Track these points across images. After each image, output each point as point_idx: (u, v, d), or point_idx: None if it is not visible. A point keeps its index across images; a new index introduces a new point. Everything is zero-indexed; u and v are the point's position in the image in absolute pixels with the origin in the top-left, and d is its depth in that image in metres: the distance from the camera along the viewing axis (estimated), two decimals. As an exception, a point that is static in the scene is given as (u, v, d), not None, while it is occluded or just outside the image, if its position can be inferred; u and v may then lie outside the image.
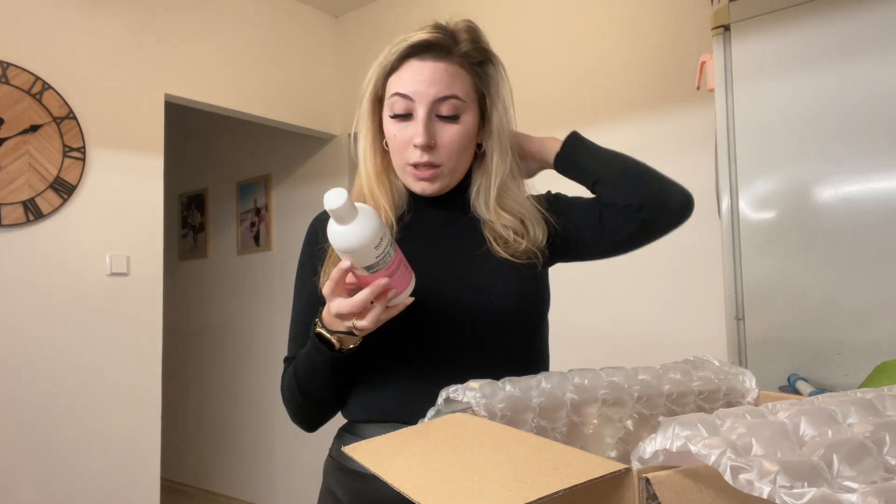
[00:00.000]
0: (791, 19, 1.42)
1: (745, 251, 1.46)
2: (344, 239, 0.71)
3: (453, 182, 0.91)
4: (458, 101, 0.87)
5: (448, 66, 0.87)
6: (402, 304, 0.78)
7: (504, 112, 0.92)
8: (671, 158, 2.32)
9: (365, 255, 0.72)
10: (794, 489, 0.32)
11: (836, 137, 1.36)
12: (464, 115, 0.88)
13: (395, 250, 0.75)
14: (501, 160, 0.92)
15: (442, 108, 0.86)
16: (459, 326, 0.86)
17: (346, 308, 0.74)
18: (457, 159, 0.89)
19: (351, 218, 0.71)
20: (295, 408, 0.90)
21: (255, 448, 3.78)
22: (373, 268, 0.73)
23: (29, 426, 2.31)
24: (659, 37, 2.37)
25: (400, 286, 0.76)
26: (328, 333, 0.81)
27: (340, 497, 0.86)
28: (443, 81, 0.86)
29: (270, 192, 3.77)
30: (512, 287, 0.88)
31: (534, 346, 0.93)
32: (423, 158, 0.86)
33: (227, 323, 4.01)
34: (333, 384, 0.86)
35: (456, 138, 0.87)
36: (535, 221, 0.93)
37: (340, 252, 0.73)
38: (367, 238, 0.71)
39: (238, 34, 3.06)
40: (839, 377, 1.34)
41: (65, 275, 2.43)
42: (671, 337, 2.27)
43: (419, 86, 0.86)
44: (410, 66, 0.87)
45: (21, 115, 2.34)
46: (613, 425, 0.60)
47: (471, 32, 0.90)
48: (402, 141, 0.88)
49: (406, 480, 0.42)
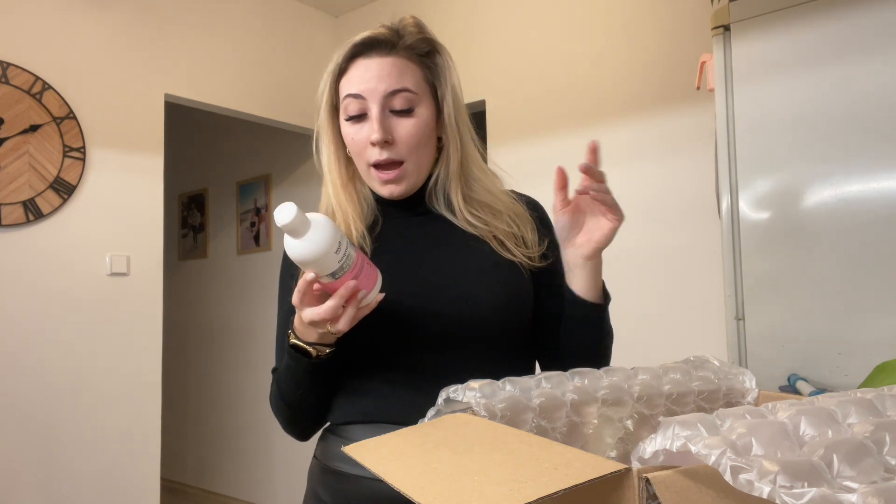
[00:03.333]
0: (791, 19, 1.42)
1: (745, 251, 1.46)
2: (302, 251, 0.71)
3: (419, 181, 0.90)
4: (409, 93, 0.86)
5: (395, 60, 0.86)
6: (374, 303, 0.78)
7: (455, 100, 0.91)
8: (671, 158, 2.33)
9: (327, 262, 0.71)
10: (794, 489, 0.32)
11: (837, 137, 1.36)
12: (418, 107, 0.87)
13: (355, 251, 0.75)
14: (456, 148, 0.90)
15: (395, 103, 0.85)
16: (437, 331, 0.84)
17: (319, 316, 0.73)
18: (418, 154, 0.87)
19: (304, 230, 0.70)
20: (284, 418, 0.91)
21: (255, 448, 3.78)
22: (337, 273, 0.73)
23: (29, 426, 2.31)
24: (659, 36, 2.37)
25: (368, 285, 0.76)
26: (303, 343, 0.81)
27: (325, 498, 0.86)
28: (392, 75, 0.85)
29: (270, 192, 3.77)
30: (491, 289, 0.86)
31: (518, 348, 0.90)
32: (382, 156, 0.85)
33: (227, 323, 4.01)
34: (317, 392, 0.86)
35: (413, 131, 0.86)
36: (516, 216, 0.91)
37: (301, 264, 0.73)
38: (324, 246, 0.70)
39: (238, 34, 3.06)
40: (839, 377, 1.34)
41: (65, 275, 2.43)
42: (671, 337, 2.27)
43: (368, 83, 0.85)
44: (358, 66, 0.86)
45: (21, 115, 2.34)
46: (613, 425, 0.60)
47: (416, 26, 0.89)
48: (359, 142, 0.87)
49: (406, 480, 0.42)
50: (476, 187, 0.91)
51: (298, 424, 0.91)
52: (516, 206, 0.93)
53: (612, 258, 1.03)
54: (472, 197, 0.91)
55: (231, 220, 4.03)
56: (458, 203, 0.90)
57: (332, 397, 0.89)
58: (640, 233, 2.32)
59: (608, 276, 0.88)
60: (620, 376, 0.63)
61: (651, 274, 2.31)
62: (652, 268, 2.30)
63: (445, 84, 0.90)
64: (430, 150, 0.90)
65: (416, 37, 0.88)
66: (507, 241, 0.89)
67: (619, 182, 2.42)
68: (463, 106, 0.92)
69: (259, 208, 3.82)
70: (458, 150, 0.90)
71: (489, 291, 0.86)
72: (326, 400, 0.89)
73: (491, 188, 0.92)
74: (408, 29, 0.88)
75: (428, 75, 0.89)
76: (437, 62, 0.90)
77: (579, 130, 2.56)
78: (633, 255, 2.32)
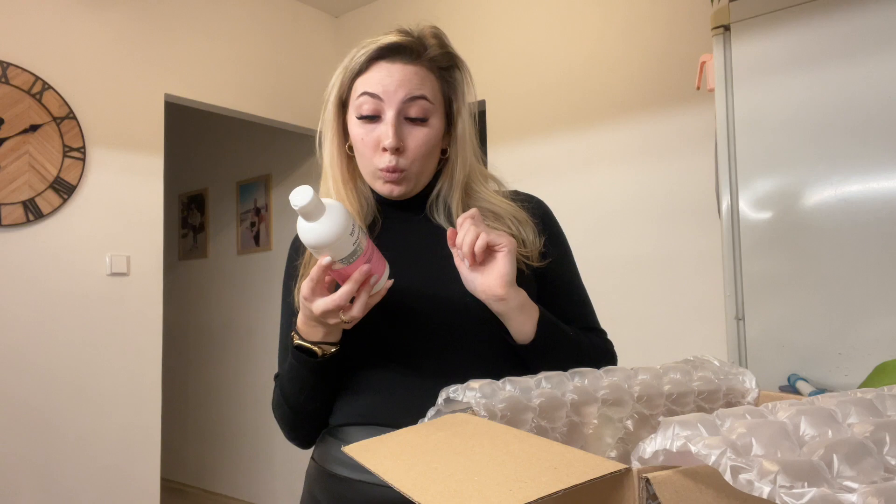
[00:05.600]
0: (791, 19, 1.42)
1: (745, 251, 1.46)
2: (317, 234, 0.71)
3: (419, 186, 0.91)
4: (427, 102, 0.86)
5: (418, 69, 0.86)
6: (384, 289, 0.79)
7: (468, 117, 0.92)
8: (671, 158, 2.33)
9: (342, 246, 0.72)
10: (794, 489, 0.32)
11: (837, 137, 1.36)
12: (432, 118, 0.87)
13: (366, 237, 0.76)
14: (463, 164, 0.91)
15: (411, 110, 0.86)
16: (434, 332, 0.85)
17: (333, 304, 0.74)
18: (422, 163, 0.88)
19: (320, 213, 0.71)
20: (287, 424, 0.91)
21: (255, 448, 3.78)
22: (351, 257, 0.73)
23: (29, 426, 2.31)
24: (659, 37, 2.37)
25: (379, 270, 0.77)
26: (308, 343, 0.81)
27: (322, 501, 0.86)
28: (412, 83, 0.85)
29: (270, 192, 3.77)
30: None
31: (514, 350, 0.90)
32: (392, 163, 0.85)
33: (227, 323, 4.01)
34: (320, 394, 0.86)
35: (423, 141, 0.86)
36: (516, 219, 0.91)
37: (316, 248, 0.72)
38: (339, 229, 0.71)
39: (238, 34, 3.06)
40: (839, 377, 1.34)
41: (65, 275, 2.43)
42: (671, 337, 2.27)
43: (389, 86, 0.85)
44: (380, 68, 0.86)
45: (21, 115, 2.34)
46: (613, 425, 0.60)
47: (438, 38, 0.90)
48: (369, 143, 0.87)
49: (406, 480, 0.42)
50: (475, 198, 0.92)
51: (302, 430, 0.91)
52: (517, 211, 0.93)
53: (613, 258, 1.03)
54: (471, 205, 0.91)
55: (231, 220, 4.03)
56: (457, 214, 0.90)
57: (333, 401, 0.89)
58: (639, 233, 2.32)
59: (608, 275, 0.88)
60: (620, 376, 0.63)
61: (651, 274, 2.31)
62: (652, 268, 2.30)
63: (462, 100, 0.91)
64: (434, 160, 0.91)
65: (438, 50, 0.89)
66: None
67: (619, 182, 2.43)
68: (474, 123, 0.93)
69: (259, 208, 3.83)
70: (464, 167, 0.91)
71: None
72: (329, 404, 0.89)
73: (491, 199, 0.92)
74: (429, 40, 0.89)
75: (445, 88, 0.90)
76: (457, 77, 0.91)
77: (579, 130, 2.56)
78: (632, 255, 2.32)
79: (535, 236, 0.91)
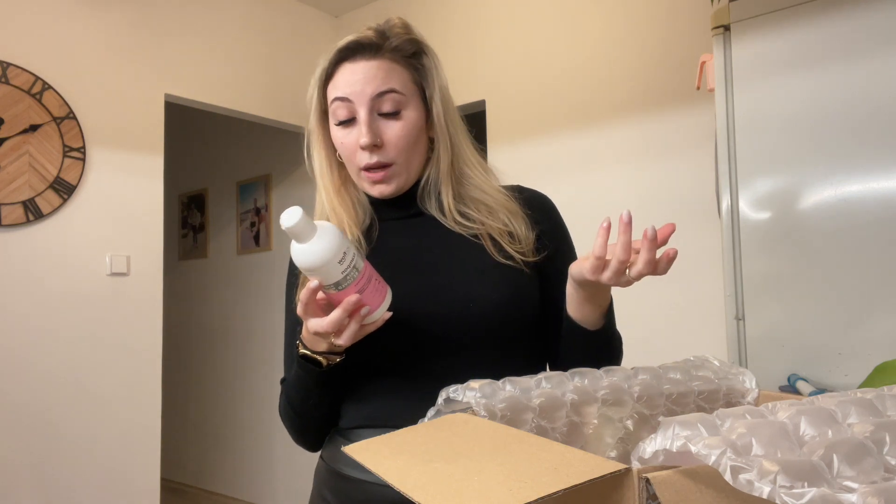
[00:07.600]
0: (791, 19, 1.42)
1: (745, 251, 1.46)
2: (305, 257, 0.70)
3: (410, 180, 0.90)
4: (397, 94, 0.86)
5: (381, 63, 0.86)
6: (380, 320, 0.76)
7: (444, 100, 0.90)
8: (671, 158, 2.33)
9: (330, 272, 0.70)
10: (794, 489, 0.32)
11: (837, 137, 1.36)
12: (405, 109, 0.87)
13: (363, 264, 0.73)
14: (446, 148, 0.90)
15: (383, 105, 0.85)
16: (438, 336, 0.84)
17: (323, 327, 0.73)
18: (407, 155, 0.87)
19: (310, 235, 0.70)
20: (294, 429, 0.91)
21: (255, 448, 3.78)
22: (341, 284, 0.71)
23: (29, 426, 2.31)
24: (659, 37, 2.37)
25: (373, 301, 0.74)
26: (312, 353, 0.81)
27: (330, 500, 0.86)
28: (378, 78, 0.85)
29: (270, 192, 3.77)
30: (491, 288, 0.85)
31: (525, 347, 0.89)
32: (372, 159, 0.85)
33: (227, 323, 4.01)
34: (327, 401, 0.86)
35: (401, 134, 0.86)
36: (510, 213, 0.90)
37: (305, 271, 0.72)
38: (328, 254, 0.69)
39: (238, 34, 3.06)
40: (839, 377, 1.34)
41: (65, 275, 2.43)
42: (671, 337, 2.27)
43: (355, 86, 0.85)
44: (344, 70, 0.86)
45: (21, 115, 2.34)
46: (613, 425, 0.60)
47: (403, 27, 0.89)
48: (349, 146, 0.87)
49: (406, 480, 0.42)
50: (468, 185, 0.91)
51: (309, 434, 0.91)
52: (510, 203, 0.92)
53: (612, 258, 1.03)
54: (464, 195, 0.90)
55: (231, 220, 4.03)
56: (448, 203, 0.89)
57: (341, 406, 0.89)
58: (639, 233, 2.32)
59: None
60: (620, 376, 0.63)
61: (651, 274, 2.30)
62: (652, 268, 2.30)
63: (433, 85, 0.90)
64: (421, 150, 0.90)
65: (402, 38, 0.88)
66: (501, 239, 0.88)
67: (619, 182, 2.43)
68: (453, 106, 0.92)
69: (259, 208, 3.83)
70: (448, 151, 0.90)
71: (489, 291, 0.85)
72: (336, 409, 0.89)
73: (483, 186, 0.91)
74: (394, 30, 0.88)
75: (416, 77, 0.89)
76: (424, 63, 0.90)
77: (579, 130, 2.56)
78: (633, 255, 2.31)
79: (527, 229, 0.90)
